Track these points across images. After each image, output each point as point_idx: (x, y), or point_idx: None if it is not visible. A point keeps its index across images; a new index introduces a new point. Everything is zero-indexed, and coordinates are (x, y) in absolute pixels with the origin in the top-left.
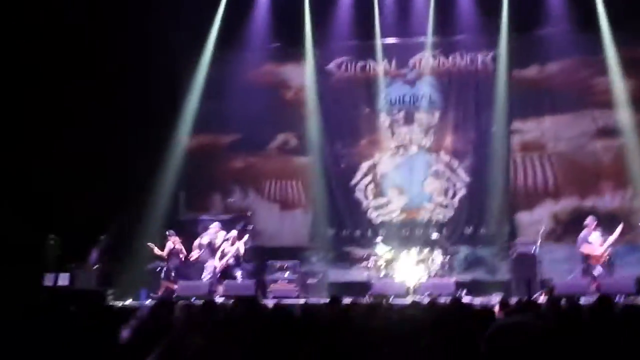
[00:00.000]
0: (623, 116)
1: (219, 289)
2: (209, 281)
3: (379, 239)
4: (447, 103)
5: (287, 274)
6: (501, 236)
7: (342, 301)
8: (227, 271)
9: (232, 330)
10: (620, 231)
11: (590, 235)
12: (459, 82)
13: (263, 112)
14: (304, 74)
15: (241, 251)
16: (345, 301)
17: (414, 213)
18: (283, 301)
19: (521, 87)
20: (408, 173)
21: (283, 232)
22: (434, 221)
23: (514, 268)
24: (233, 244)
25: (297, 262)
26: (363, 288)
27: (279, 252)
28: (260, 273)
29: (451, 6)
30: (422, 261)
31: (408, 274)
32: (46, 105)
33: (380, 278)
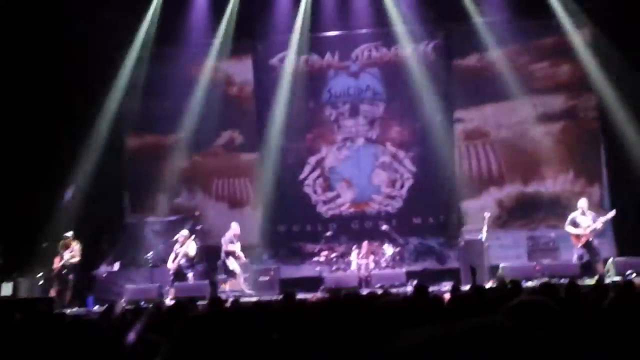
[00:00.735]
0: (561, 101)
1: (171, 292)
2: (159, 284)
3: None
4: (391, 94)
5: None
6: (449, 225)
7: (295, 297)
8: (180, 272)
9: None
10: (611, 217)
11: (578, 217)
12: (402, 73)
13: (207, 109)
14: (248, 69)
15: (191, 252)
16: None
17: (363, 206)
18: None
19: (462, 76)
20: (355, 166)
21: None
22: (383, 213)
23: (463, 256)
24: (183, 245)
25: (248, 260)
26: (315, 283)
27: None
28: (211, 273)
29: None
30: (373, 253)
31: (359, 267)
32: None
33: (332, 272)
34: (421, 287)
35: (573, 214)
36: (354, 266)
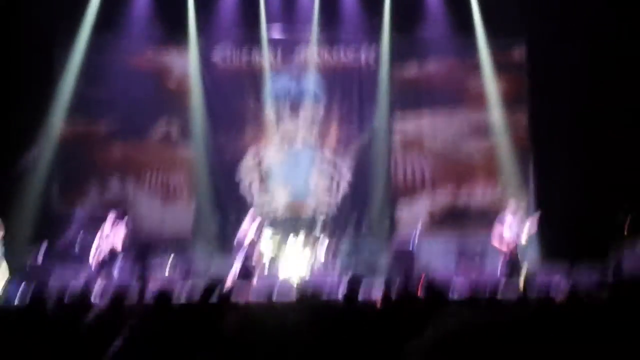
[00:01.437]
0: (494, 117)
1: (96, 287)
2: (85, 278)
3: (266, 234)
4: (332, 98)
5: (169, 268)
6: (382, 232)
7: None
8: (104, 267)
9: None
10: (535, 220)
11: (504, 229)
12: (343, 78)
13: (143, 101)
14: (187, 63)
15: (118, 246)
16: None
17: (298, 209)
18: None
19: (401, 85)
20: (292, 168)
21: (165, 226)
22: (318, 217)
23: (394, 263)
24: (108, 238)
25: (179, 256)
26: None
27: (161, 246)
28: (140, 267)
29: (335, 2)
30: (305, 257)
31: (291, 271)
32: None
33: (263, 275)
34: (353, 292)
35: (499, 226)
36: (285, 270)
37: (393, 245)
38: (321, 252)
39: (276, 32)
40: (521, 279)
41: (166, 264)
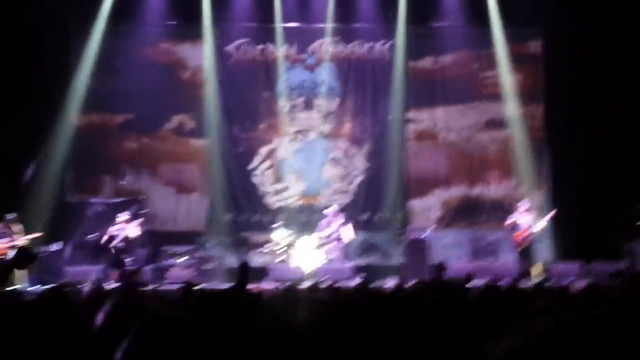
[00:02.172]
0: (509, 109)
1: (112, 275)
2: (100, 266)
3: (279, 224)
4: (346, 90)
5: (183, 260)
6: (395, 222)
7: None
8: (119, 256)
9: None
10: (551, 216)
11: (519, 218)
12: (358, 70)
13: (158, 92)
14: (202, 55)
15: (132, 235)
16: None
17: (312, 199)
18: None
19: (416, 77)
20: (306, 159)
21: (179, 217)
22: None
23: (407, 253)
24: (122, 228)
25: (193, 247)
26: (260, 273)
27: (175, 237)
28: (154, 259)
29: None
30: (319, 247)
31: (305, 260)
32: None
33: (277, 263)
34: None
35: (514, 215)
36: (299, 259)
37: (406, 235)
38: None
39: (291, 24)
40: (535, 269)
41: (181, 254)
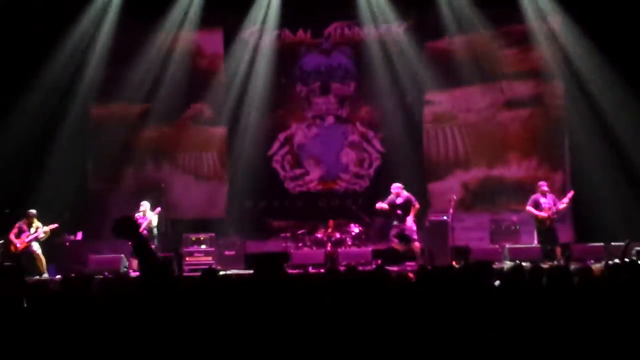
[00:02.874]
0: (529, 88)
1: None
2: (123, 255)
3: None
4: (363, 74)
5: (204, 247)
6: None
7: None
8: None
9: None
10: (571, 196)
11: (540, 198)
12: (374, 54)
13: (176, 81)
14: (218, 42)
15: (154, 223)
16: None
17: (331, 183)
18: None
19: (433, 59)
20: (325, 144)
21: (199, 204)
22: (351, 191)
23: (428, 236)
24: (145, 217)
25: (214, 234)
26: (281, 259)
27: (195, 225)
28: (176, 246)
29: None
30: (340, 231)
31: (327, 244)
32: None
33: (298, 248)
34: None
35: (534, 196)
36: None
37: (427, 218)
38: (355, 226)
39: (306, 9)
40: (558, 249)
41: (202, 241)
